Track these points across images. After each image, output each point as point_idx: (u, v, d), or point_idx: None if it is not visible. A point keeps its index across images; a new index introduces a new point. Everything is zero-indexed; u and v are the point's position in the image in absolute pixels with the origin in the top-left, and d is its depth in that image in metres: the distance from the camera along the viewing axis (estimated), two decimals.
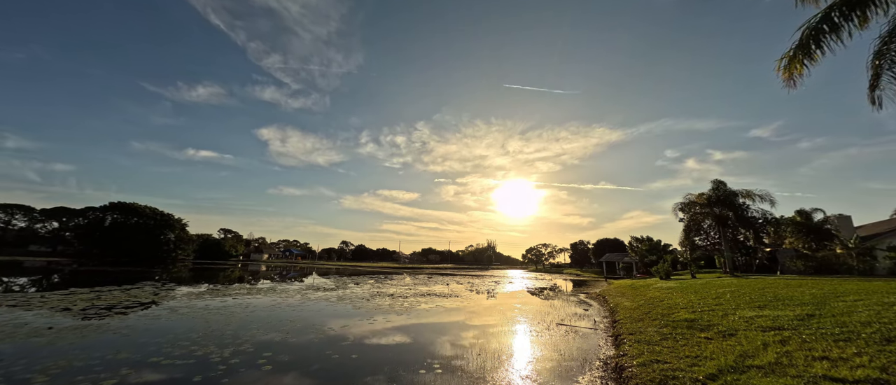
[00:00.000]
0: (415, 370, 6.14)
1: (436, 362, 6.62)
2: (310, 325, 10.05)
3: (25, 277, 23.68)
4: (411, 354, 7.24)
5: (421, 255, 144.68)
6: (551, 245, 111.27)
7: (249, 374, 5.76)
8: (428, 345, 8.11)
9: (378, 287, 23.77)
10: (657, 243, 48.83)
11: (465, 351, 7.54)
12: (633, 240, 76.48)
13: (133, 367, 5.92)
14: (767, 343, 5.91)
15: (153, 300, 14.15)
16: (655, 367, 5.31)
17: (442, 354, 7.23)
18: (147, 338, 8.01)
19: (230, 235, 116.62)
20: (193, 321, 9.96)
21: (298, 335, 8.72)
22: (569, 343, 8.48)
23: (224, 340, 7.86)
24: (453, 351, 7.53)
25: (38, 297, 13.78)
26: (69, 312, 10.79)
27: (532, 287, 27.98)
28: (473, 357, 7.05)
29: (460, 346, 8.03)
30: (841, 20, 8.27)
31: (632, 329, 8.60)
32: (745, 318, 8.11)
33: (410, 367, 6.34)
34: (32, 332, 8.19)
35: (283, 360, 6.57)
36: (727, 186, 33.92)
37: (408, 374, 5.96)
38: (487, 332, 9.56)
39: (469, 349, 7.69)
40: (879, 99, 8.74)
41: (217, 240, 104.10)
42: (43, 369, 5.70)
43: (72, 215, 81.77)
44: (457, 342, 8.39)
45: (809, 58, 8.76)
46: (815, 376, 4.29)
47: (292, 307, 13.35)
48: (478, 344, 8.21)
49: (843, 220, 32.55)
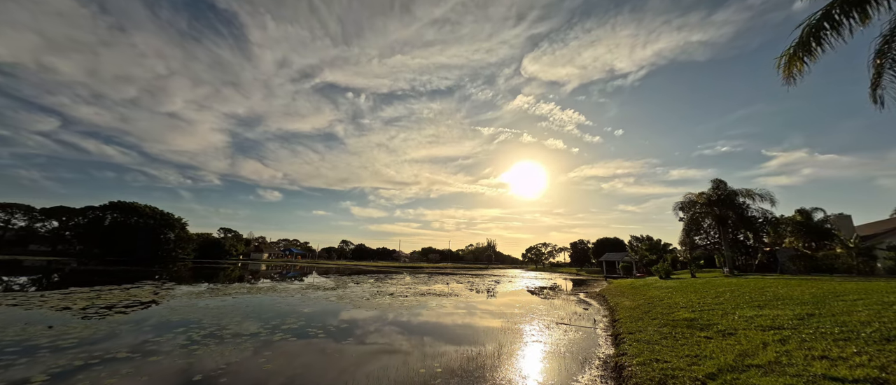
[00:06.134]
0: (415, 370, 6.15)
1: (436, 362, 6.63)
2: (309, 324, 10.06)
3: (25, 276, 23.69)
4: (411, 354, 7.24)
5: (421, 255, 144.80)
6: (551, 244, 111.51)
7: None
8: (428, 344, 8.11)
9: (378, 286, 23.77)
10: (657, 243, 48.91)
11: (465, 350, 7.54)
12: (632, 239, 76.67)
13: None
14: (767, 342, 5.91)
15: (153, 300, 14.15)
16: (655, 367, 5.32)
17: (442, 354, 7.24)
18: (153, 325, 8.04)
19: (230, 234, 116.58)
20: (184, 317, 9.99)
21: (294, 337, 8.73)
22: (569, 342, 8.49)
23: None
24: (453, 350, 7.54)
25: (38, 297, 13.79)
26: (84, 310, 10.81)
27: (532, 286, 27.99)
28: (473, 356, 7.06)
29: (460, 345, 8.03)
30: (842, 17, 8.24)
31: (631, 328, 8.60)
32: (744, 317, 8.12)
33: (411, 366, 6.35)
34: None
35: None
36: (728, 185, 33.91)
37: (408, 373, 5.96)
38: (487, 332, 9.55)
39: (469, 348, 7.70)
40: (881, 98, 8.73)
41: (217, 239, 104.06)
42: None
43: (72, 214, 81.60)
44: (457, 341, 8.39)
45: (809, 55, 8.74)
46: (815, 375, 4.29)
47: (290, 306, 13.36)
48: (478, 343, 8.21)
49: (843, 219, 32.58)
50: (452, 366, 6.39)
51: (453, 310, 13.76)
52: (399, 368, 6.18)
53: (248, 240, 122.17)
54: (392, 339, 8.51)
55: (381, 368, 6.18)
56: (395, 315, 12.05)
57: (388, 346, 7.92)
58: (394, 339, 8.52)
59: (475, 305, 15.36)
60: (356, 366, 6.34)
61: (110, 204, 73.12)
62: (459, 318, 11.80)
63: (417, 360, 6.76)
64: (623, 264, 48.10)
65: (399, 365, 6.38)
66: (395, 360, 6.74)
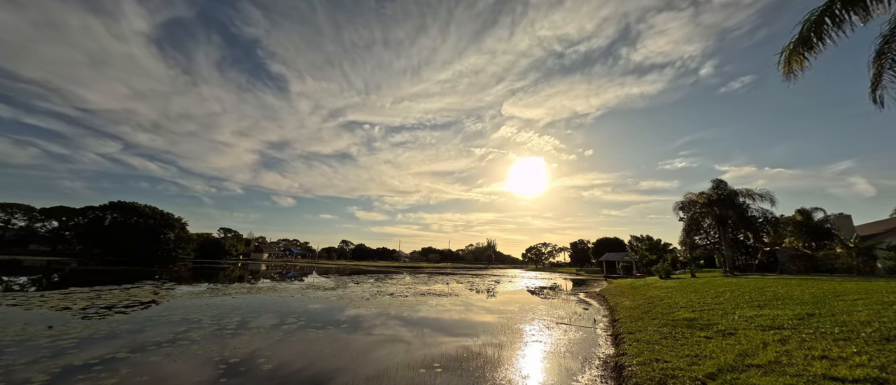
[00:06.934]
0: (415, 369, 6.15)
1: (436, 362, 6.63)
2: (309, 323, 10.06)
3: (25, 276, 23.68)
4: (412, 354, 7.23)
5: (421, 255, 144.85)
6: (551, 244, 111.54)
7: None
8: (428, 344, 8.11)
9: (378, 286, 23.78)
10: (657, 242, 48.88)
11: (465, 350, 7.54)
12: (632, 239, 76.65)
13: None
14: (767, 342, 5.91)
15: (153, 300, 14.15)
16: (655, 366, 5.31)
17: (442, 353, 7.24)
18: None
19: (230, 234, 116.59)
20: (182, 318, 9.99)
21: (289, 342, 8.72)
22: (569, 342, 8.49)
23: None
24: (453, 350, 7.54)
25: (37, 297, 13.78)
26: (69, 310, 10.80)
27: (532, 286, 27.99)
28: (473, 356, 7.06)
29: (460, 345, 8.03)
30: (843, 13, 8.24)
31: (631, 328, 8.60)
32: (744, 317, 8.12)
33: (411, 366, 6.35)
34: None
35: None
36: (728, 185, 33.93)
37: (408, 373, 5.96)
38: (487, 332, 9.56)
39: (469, 348, 7.69)
40: (881, 98, 8.74)
41: (217, 239, 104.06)
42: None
43: (72, 214, 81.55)
44: (456, 341, 8.39)
45: (810, 51, 8.75)
46: (815, 375, 4.29)
47: (290, 306, 13.36)
48: (477, 343, 8.21)
49: (843, 219, 32.59)
50: (452, 367, 6.39)
51: (453, 309, 13.76)
52: (399, 368, 6.18)
53: (248, 240, 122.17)
54: (392, 339, 8.50)
55: (381, 369, 6.18)
56: (396, 312, 12.05)
57: (388, 345, 7.92)
58: (394, 339, 8.50)
59: (475, 305, 15.36)
60: (357, 365, 6.35)
61: (110, 204, 73.06)
62: (459, 318, 11.80)
63: (417, 359, 6.75)
64: (623, 264, 48.10)
65: (399, 365, 6.38)
66: (396, 360, 6.75)
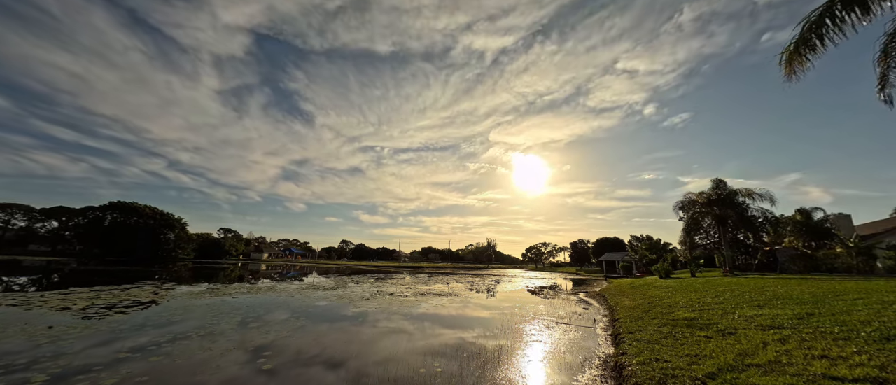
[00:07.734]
0: (415, 369, 6.15)
1: (436, 361, 6.63)
2: (308, 323, 10.06)
3: (25, 277, 23.68)
4: (412, 353, 7.24)
5: (421, 254, 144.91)
6: (551, 244, 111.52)
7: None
8: (428, 344, 8.11)
9: (378, 286, 23.79)
10: (657, 242, 48.90)
11: (465, 349, 7.54)
12: (632, 239, 76.67)
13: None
14: (767, 342, 5.91)
15: (153, 300, 14.15)
16: (655, 366, 5.31)
17: (442, 353, 7.24)
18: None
19: (230, 234, 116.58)
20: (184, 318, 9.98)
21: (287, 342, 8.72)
22: (569, 341, 8.49)
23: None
24: (453, 349, 7.54)
25: (37, 297, 13.78)
26: (68, 311, 10.80)
27: (532, 286, 28.00)
28: (473, 355, 7.06)
29: (460, 344, 8.03)
30: (843, 13, 8.22)
31: (631, 328, 8.60)
32: (744, 316, 8.12)
33: (411, 366, 6.35)
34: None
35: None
36: (728, 185, 33.93)
37: (408, 373, 5.96)
38: (487, 331, 9.56)
39: (469, 347, 7.70)
40: (890, 97, 8.74)
41: (217, 239, 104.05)
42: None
43: (71, 215, 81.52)
44: (456, 341, 8.39)
45: (812, 51, 8.74)
46: (815, 375, 4.29)
47: (291, 306, 13.36)
48: (477, 342, 8.22)
49: (843, 218, 32.57)
50: (452, 366, 6.39)
51: (453, 309, 13.76)
52: (399, 368, 6.18)
53: (248, 240, 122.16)
54: (392, 339, 8.51)
55: (381, 369, 6.18)
56: (398, 309, 12.05)
57: (388, 345, 7.93)
58: (394, 339, 8.52)
59: (475, 305, 15.36)
60: (357, 365, 6.34)
61: (110, 204, 73.03)
62: (459, 318, 11.80)
63: (418, 359, 6.76)
64: (623, 264, 48.12)
65: (399, 365, 6.38)
66: (396, 360, 6.75)
